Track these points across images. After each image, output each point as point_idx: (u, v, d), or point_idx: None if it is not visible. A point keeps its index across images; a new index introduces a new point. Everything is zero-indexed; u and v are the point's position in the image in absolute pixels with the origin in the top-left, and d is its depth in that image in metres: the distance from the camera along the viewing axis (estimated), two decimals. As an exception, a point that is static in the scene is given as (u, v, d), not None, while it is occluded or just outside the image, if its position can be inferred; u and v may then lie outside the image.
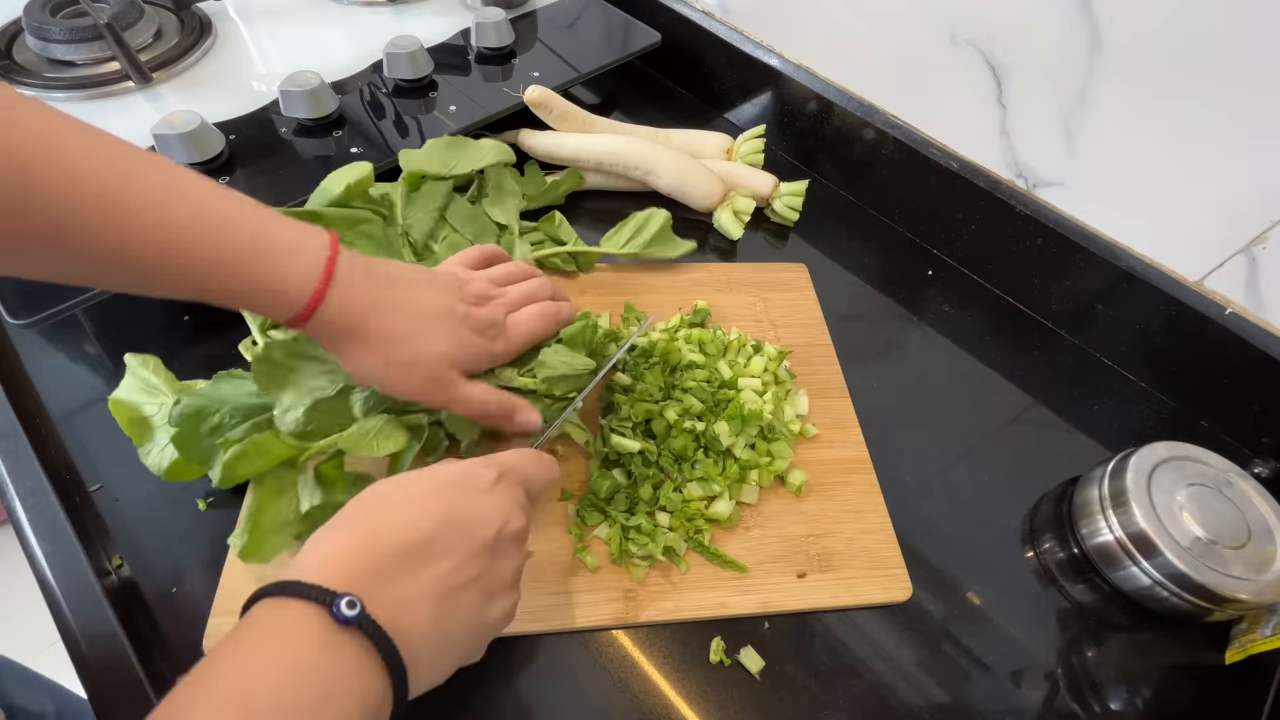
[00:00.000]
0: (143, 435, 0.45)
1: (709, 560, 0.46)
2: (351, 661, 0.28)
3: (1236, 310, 0.53)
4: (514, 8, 0.78)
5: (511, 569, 0.35)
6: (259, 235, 0.36)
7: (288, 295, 0.36)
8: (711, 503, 0.47)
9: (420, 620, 0.30)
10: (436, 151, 0.58)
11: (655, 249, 0.61)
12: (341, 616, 0.28)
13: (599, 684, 0.41)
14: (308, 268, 0.37)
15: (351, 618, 0.28)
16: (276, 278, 0.36)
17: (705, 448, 0.49)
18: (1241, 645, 0.45)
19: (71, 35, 0.62)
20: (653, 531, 0.45)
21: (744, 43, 0.75)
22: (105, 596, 0.40)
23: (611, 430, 0.49)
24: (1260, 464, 0.55)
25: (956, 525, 0.50)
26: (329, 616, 0.28)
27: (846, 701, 0.42)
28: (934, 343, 0.62)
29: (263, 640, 0.28)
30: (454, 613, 0.32)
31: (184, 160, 0.54)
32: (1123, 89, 0.52)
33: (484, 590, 0.33)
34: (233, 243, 0.35)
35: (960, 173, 0.63)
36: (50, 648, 1.45)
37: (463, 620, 0.33)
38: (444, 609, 0.31)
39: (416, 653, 0.30)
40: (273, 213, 0.38)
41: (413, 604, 0.30)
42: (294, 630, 0.28)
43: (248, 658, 0.27)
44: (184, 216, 0.34)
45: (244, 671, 0.27)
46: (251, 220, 0.36)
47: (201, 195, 0.35)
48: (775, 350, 0.56)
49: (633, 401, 0.50)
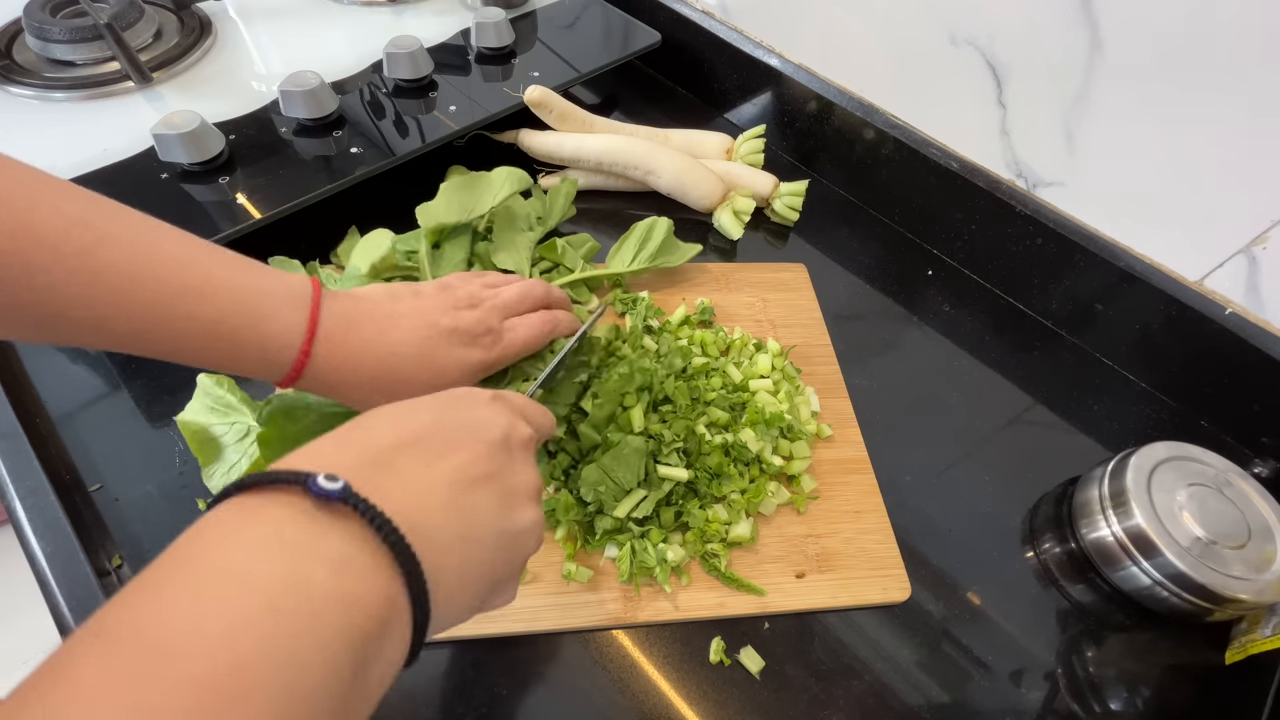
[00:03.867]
0: (210, 455, 0.45)
1: (724, 584, 0.45)
2: (342, 544, 0.22)
3: (1236, 310, 0.53)
4: (514, 8, 0.78)
5: (527, 479, 0.31)
6: (242, 301, 0.35)
7: (275, 362, 0.36)
8: (731, 528, 0.46)
9: (430, 505, 0.25)
10: (453, 196, 0.56)
11: (663, 260, 0.60)
12: (320, 490, 0.22)
13: (599, 684, 0.41)
14: (290, 330, 0.36)
15: (333, 491, 0.22)
16: (262, 345, 0.35)
17: (734, 459, 0.48)
18: (1241, 645, 0.45)
19: (71, 35, 0.62)
20: (663, 559, 0.44)
21: (744, 43, 0.75)
22: (105, 596, 0.40)
23: (658, 462, 0.46)
24: (1260, 464, 0.55)
25: (956, 525, 0.50)
26: (304, 497, 0.22)
27: (846, 701, 0.42)
28: (934, 343, 0.62)
29: (210, 538, 0.21)
30: (471, 507, 0.27)
31: (184, 160, 0.54)
32: (1123, 89, 0.52)
33: (501, 493, 0.29)
34: (216, 309, 0.34)
35: (960, 173, 0.63)
36: (50, 648, 1.45)
37: (483, 519, 0.27)
38: (459, 501, 0.26)
39: (433, 543, 0.24)
40: (252, 266, 0.36)
41: (418, 488, 0.25)
42: (254, 522, 0.21)
43: (194, 559, 0.20)
44: (162, 283, 0.33)
45: (186, 575, 0.20)
46: (232, 280, 0.35)
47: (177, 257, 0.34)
48: (778, 346, 0.56)
49: (672, 420, 0.48)
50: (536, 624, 0.43)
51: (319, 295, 0.38)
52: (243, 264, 0.36)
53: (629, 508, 0.44)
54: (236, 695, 0.18)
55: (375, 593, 0.22)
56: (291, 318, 0.36)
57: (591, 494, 0.44)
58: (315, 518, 0.22)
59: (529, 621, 0.42)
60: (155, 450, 0.48)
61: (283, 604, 0.19)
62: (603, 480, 0.44)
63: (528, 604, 0.43)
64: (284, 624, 0.19)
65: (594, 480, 0.44)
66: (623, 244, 0.61)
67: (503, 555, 0.29)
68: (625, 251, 0.60)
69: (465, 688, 0.40)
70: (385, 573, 0.22)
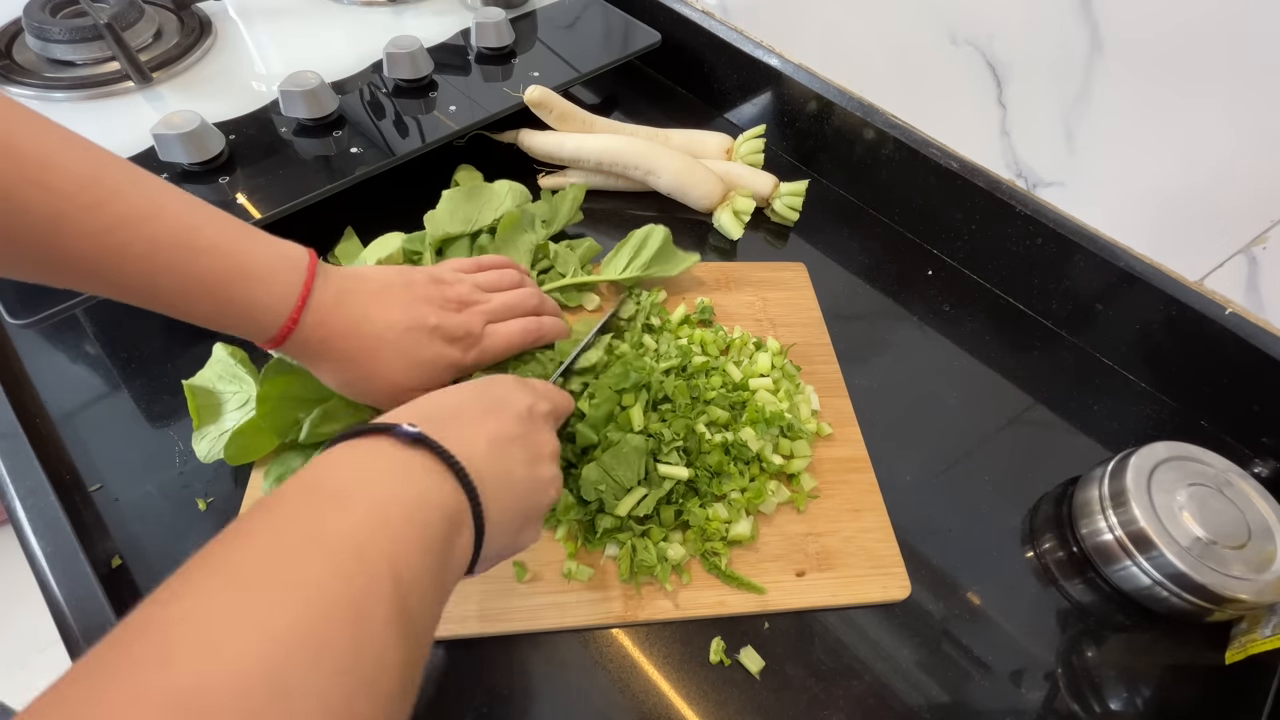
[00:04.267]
0: (208, 418, 0.47)
1: (724, 582, 0.45)
2: (423, 470, 0.29)
3: (1236, 310, 0.53)
4: (514, 8, 0.78)
5: (548, 444, 0.38)
6: (235, 256, 0.36)
7: (262, 321, 0.37)
8: (731, 527, 0.46)
9: (478, 452, 0.32)
10: (457, 206, 0.57)
11: (658, 268, 0.59)
12: (405, 433, 0.30)
13: (599, 684, 0.41)
14: (282, 295, 0.37)
15: (415, 433, 0.30)
16: (250, 304, 0.36)
17: (734, 458, 0.48)
18: (1241, 645, 0.45)
19: (71, 35, 0.62)
20: (663, 557, 0.44)
21: (744, 43, 0.75)
22: (105, 596, 0.40)
23: (657, 461, 0.47)
24: (1260, 464, 0.55)
25: (956, 525, 0.50)
26: (396, 439, 0.30)
27: (846, 701, 0.42)
28: (934, 342, 0.62)
29: (345, 458, 0.29)
30: (508, 456, 0.34)
31: (184, 160, 0.54)
32: (1123, 89, 0.52)
33: (529, 450, 0.36)
34: (208, 266, 0.35)
35: (960, 173, 0.63)
36: (50, 648, 1.45)
37: (516, 466, 0.34)
38: (498, 451, 0.34)
39: (483, 477, 0.31)
40: (250, 231, 0.38)
41: (468, 441, 0.32)
42: (366, 453, 0.29)
43: (328, 472, 0.28)
44: (161, 235, 0.34)
45: (326, 479, 0.28)
46: (229, 241, 0.36)
47: (180, 212, 0.35)
48: (778, 345, 0.56)
49: (672, 419, 0.48)
50: (536, 623, 0.43)
51: (315, 265, 0.39)
52: (244, 229, 0.37)
53: (630, 506, 0.44)
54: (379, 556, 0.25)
55: (452, 499, 0.30)
56: (286, 282, 0.37)
57: (592, 493, 0.44)
58: (405, 451, 0.30)
59: (529, 621, 0.42)
60: (155, 450, 0.48)
61: (400, 494, 0.28)
62: (603, 479, 0.44)
63: (528, 603, 0.43)
64: (400, 510, 0.27)
65: (595, 479, 0.44)
66: (619, 250, 0.60)
67: (532, 498, 0.36)
68: (620, 258, 0.60)
69: (465, 688, 0.40)
70: (455, 492, 0.30)
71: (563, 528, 0.46)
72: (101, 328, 0.55)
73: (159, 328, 0.54)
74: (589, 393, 0.48)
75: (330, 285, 0.39)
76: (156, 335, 0.54)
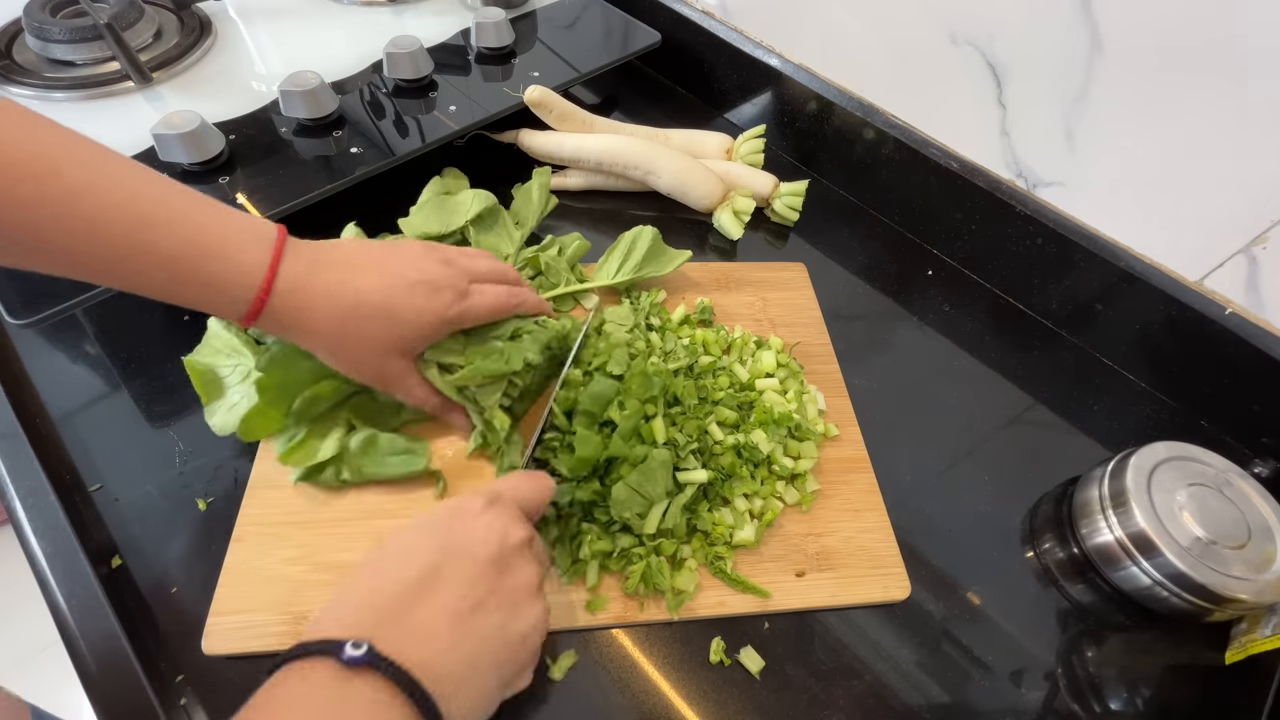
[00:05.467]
0: (214, 393, 0.47)
1: (729, 586, 0.45)
2: (368, 701, 0.28)
3: (1236, 310, 0.53)
4: (514, 8, 0.78)
5: (526, 578, 0.35)
6: (204, 231, 0.36)
7: (234, 296, 0.37)
8: (735, 532, 0.46)
9: (437, 647, 0.30)
10: (431, 213, 0.58)
11: (650, 269, 0.59)
12: (349, 658, 0.28)
13: (599, 684, 0.41)
14: (252, 268, 0.37)
15: (359, 657, 0.28)
16: (221, 278, 0.36)
17: (746, 460, 0.48)
18: (1241, 645, 0.45)
19: (71, 35, 0.62)
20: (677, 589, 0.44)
21: (744, 43, 0.75)
22: (105, 596, 0.40)
23: (677, 470, 0.46)
24: (1260, 464, 0.55)
25: (956, 525, 0.50)
26: (338, 664, 0.28)
27: (846, 701, 0.42)
28: (934, 342, 0.62)
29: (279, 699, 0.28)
30: (473, 633, 0.32)
31: (184, 160, 0.54)
32: (1123, 89, 0.52)
33: (503, 606, 0.34)
34: (178, 242, 0.35)
35: (960, 173, 0.63)
36: (50, 648, 1.45)
37: (486, 639, 0.33)
38: (461, 631, 0.32)
39: (441, 679, 0.30)
40: (218, 207, 0.37)
41: (425, 634, 0.31)
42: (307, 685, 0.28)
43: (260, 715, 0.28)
44: (125, 217, 0.34)
45: None
46: (196, 217, 0.36)
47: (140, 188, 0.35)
48: (780, 343, 0.56)
49: (683, 422, 0.48)
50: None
51: (284, 237, 0.39)
52: (210, 203, 0.37)
53: (657, 521, 0.44)
54: None
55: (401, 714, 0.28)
56: (254, 255, 0.37)
57: (624, 514, 0.43)
58: (348, 678, 0.28)
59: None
60: (155, 450, 0.48)
61: None
62: (632, 498, 0.43)
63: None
64: None
65: (624, 499, 0.43)
66: (609, 255, 0.60)
67: (509, 658, 0.34)
68: (611, 263, 0.59)
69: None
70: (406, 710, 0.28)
71: (593, 566, 0.44)
72: (101, 328, 0.55)
73: (159, 328, 0.54)
74: (618, 400, 0.47)
75: (301, 256, 0.39)
76: (156, 335, 0.54)
